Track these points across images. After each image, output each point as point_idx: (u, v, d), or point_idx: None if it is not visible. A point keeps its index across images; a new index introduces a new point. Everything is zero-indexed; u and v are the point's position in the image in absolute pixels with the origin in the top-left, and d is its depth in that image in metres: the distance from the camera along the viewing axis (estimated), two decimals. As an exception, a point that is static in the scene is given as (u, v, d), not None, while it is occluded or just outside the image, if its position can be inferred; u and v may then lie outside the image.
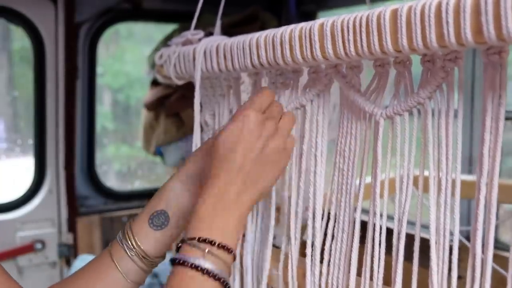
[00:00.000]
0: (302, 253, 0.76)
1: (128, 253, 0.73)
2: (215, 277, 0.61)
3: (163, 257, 0.76)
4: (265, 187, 0.68)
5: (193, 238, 0.63)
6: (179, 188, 0.75)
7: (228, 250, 0.63)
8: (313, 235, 0.73)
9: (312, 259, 0.74)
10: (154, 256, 0.74)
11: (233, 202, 0.65)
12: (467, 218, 1.59)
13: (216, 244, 0.62)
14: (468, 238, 1.36)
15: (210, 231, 0.63)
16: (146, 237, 0.74)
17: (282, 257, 0.79)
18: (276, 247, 0.87)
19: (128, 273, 0.73)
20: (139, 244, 0.73)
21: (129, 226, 0.75)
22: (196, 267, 0.61)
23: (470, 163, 1.61)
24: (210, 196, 0.65)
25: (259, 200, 0.69)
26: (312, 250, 0.74)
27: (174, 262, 0.62)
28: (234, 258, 0.65)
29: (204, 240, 0.62)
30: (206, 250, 0.62)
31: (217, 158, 0.68)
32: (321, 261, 0.73)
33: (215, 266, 0.61)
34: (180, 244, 0.64)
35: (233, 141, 0.67)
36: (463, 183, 0.63)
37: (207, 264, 0.61)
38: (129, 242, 0.73)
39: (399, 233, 0.63)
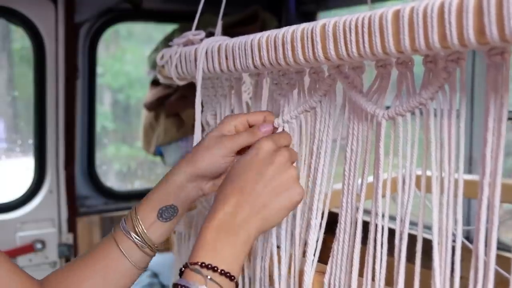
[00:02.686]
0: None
1: (137, 243, 0.75)
2: None
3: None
4: (273, 216, 0.67)
5: (196, 263, 0.62)
6: (187, 184, 0.76)
7: (230, 277, 0.63)
8: (313, 233, 0.74)
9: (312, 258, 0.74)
10: (160, 243, 0.77)
11: (238, 227, 0.64)
12: (467, 217, 1.59)
13: (219, 270, 0.62)
14: (468, 238, 1.36)
15: (213, 257, 0.63)
16: (154, 228, 0.76)
17: (286, 259, 0.79)
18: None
19: (136, 261, 0.75)
20: (146, 233, 0.75)
21: (135, 216, 0.76)
22: None
23: (470, 163, 1.61)
24: (215, 220, 0.65)
25: (265, 230, 0.68)
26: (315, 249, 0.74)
27: (176, 287, 0.62)
28: (237, 286, 0.64)
29: (207, 266, 0.62)
30: (208, 277, 0.61)
31: (228, 182, 0.68)
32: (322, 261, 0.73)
33: None
34: (183, 269, 0.64)
35: (245, 167, 0.67)
36: (464, 182, 0.63)
37: None
38: (137, 232, 0.75)
39: (401, 234, 0.63)
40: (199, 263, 0.62)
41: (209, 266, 0.62)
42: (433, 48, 0.52)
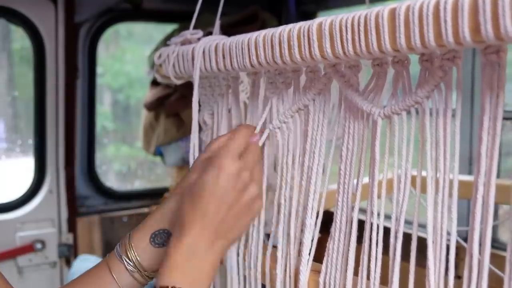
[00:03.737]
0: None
1: (128, 268, 0.74)
2: None
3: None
4: (238, 235, 0.70)
5: (166, 287, 0.65)
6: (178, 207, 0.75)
7: None
8: (308, 233, 0.73)
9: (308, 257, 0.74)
10: (152, 271, 0.75)
11: (205, 250, 0.67)
12: (467, 218, 1.59)
13: None
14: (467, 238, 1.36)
15: (183, 280, 0.65)
16: (146, 253, 0.75)
17: (282, 258, 0.79)
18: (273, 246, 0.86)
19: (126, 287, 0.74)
20: (139, 259, 0.74)
21: (128, 241, 0.75)
22: None
23: (470, 163, 1.61)
24: (183, 244, 0.66)
25: (231, 246, 0.71)
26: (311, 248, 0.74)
27: None
28: None
29: None
30: None
31: (191, 206, 0.68)
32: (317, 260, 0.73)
33: None
34: None
35: (208, 191, 0.68)
36: (463, 183, 0.63)
37: None
38: (129, 257, 0.74)
39: (396, 233, 0.63)
40: (170, 287, 0.65)
41: None
42: (428, 46, 0.51)
